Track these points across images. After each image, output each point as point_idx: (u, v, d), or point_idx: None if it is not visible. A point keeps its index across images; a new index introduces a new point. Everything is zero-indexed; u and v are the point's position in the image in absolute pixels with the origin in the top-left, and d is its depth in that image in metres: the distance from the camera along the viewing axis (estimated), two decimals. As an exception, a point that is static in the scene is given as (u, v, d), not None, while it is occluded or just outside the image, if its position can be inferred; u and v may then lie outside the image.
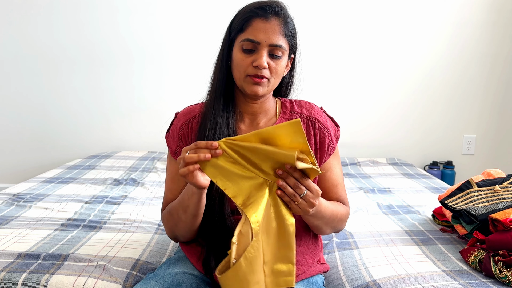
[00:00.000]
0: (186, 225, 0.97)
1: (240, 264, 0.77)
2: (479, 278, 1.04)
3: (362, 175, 2.37)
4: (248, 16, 0.96)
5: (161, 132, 1.43)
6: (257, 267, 0.80)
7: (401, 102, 2.90)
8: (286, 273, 0.83)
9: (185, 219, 0.96)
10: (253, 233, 0.79)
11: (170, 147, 1.08)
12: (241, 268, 0.77)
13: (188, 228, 0.98)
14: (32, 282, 1.02)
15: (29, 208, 1.64)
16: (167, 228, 1.05)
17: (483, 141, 2.95)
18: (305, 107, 1.09)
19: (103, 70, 2.85)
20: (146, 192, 1.93)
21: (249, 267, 0.78)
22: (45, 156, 2.92)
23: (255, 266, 0.79)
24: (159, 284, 0.94)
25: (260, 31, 0.94)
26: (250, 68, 0.95)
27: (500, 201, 1.25)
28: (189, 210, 0.93)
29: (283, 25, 0.96)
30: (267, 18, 0.95)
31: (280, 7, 0.97)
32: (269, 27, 0.95)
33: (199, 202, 0.91)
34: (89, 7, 2.78)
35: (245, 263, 0.77)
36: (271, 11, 0.95)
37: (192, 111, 1.08)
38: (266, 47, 0.95)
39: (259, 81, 0.96)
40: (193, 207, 0.92)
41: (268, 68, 0.96)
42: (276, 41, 0.95)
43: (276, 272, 0.83)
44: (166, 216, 1.03)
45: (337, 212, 1.02)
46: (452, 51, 2.85)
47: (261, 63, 0.94)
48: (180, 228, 1.00)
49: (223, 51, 1.02)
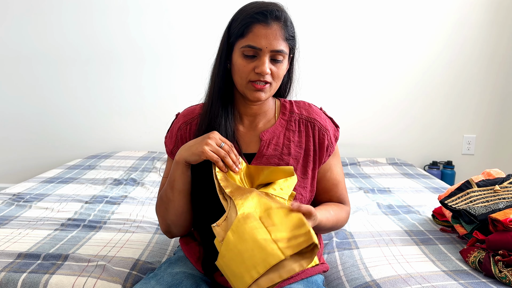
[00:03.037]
0: (175, 206, 0.99)
1: (228, 238, 0.80)
2: (479, 278, 1.04)
3: (362, 175, 2.37)
4: (248, 22, 0.95)
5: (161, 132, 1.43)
6: (247, 236, 0.79)
7: (401, 102, 2.90)
8: (303, 235, 0.79)
9: (173, 198, 0.98)
10: (237, 209, 0.82)
11: (167, 146, 1.08)
12: (229, 241, 0.80)
13: (178, 211, 1.00)
14: (32, 282, 1.02)
15: (29, 208, 1.64)
16: (160, 217, 1.05)
17: (483, 141, 2.95)
18: (304, 108, 1.09)
19: (103, 70, 2.85)
20: (146, 192, 1.93)
21: (237, 237, 0.80)
22: (45, 156, 2.92)
23: (245, 234, 0.79)
24: (159, 284, 0.94)
25: (261, 37, 0.93)
26: (252, 74, 0.95)
27: (500, 201, 1.25)
28: (176, 185, 0.97)
29: (284, 29, 0.96)
30: (267, 23, 0.94)
31: (280, 11, 0.96)
32: (270, 32, 0.94)
33: (183, 175, 0.96)
34: (91, 6, 2.78)
35: (232, 235, 0.80)
36: (272, 16, 0.94)
37: (192, 112, 1.08)
38: (267, 53, 0.94)
39: (261, 88, 0.96)
40: (179, 180, 0.96)
41: (270, 73, 0.96)
42: (277, 46, 0.94)
43: (292, 237, 0.79)
44: (158, 203, 1.05)
45: (337, 220, 1.05)
46: (452, 50, 2.85)
47: (264, 70, 0.94)
48: (171, 212, 1.00)
49: (221, 54, 1.01)
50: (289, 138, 1.05)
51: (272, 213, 0.82)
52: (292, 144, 1.04)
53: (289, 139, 1.05)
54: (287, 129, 1.06)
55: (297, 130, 1.06)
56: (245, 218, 0.80)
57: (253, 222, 0.80)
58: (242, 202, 0.83)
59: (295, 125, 1.06)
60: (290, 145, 1.04)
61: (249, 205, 0.83)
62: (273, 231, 0.80)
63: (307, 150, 1.05)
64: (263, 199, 0.85)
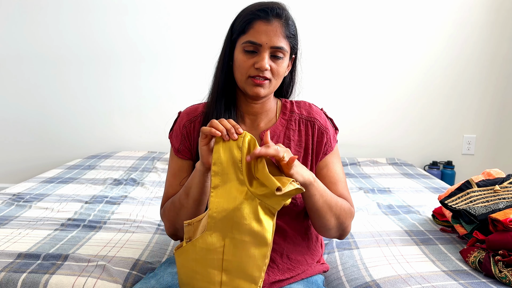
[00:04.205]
0: (188, 212, 0.95)
1: (187, 248, 0.82)
2: (479, 278, 1.04)
3: (362, 175, 2.37)
4: (250, 18, 0.96)
5: (161, 132, 1.43)
6: (202, 260, 0.82)
7: (401, 102, 2.90)
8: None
9: (187, 204, 0.95)
10: (206, 226, 0.81)
11: (173, 145, 1.08)
12: (186, 251, 0.82)
13: (189, 217, 0.96)
14: (32, 282, 1.02)
15: (29, 208, 1.64)
16: (168, 221, 1.03)
17: (483, 141, 2.95)
18: (305, 108, 1.09)
19: (103, 70, 2.85)
20: (146, 192, 1.93)
21: (193, 254, 0.82)
22: (45, 156, 2.92)
23: (199, 257, 0.82)
24: (159, 283, 0.94)
25: (262, 33, 0.95)
26: (252, 69, 0.96)
27: (500, 201, 1.25)
28: (191, 193, 0.93)
29: (285, 27, 0.97)
30: (268, 20, 0.95)
31: (281, 9, 0.98)
32: (270, 29, 0.95)
33: (200, 184, 0.91)
34: (90, 6, 2.78)
35: (191, 249, 0.82)
36: (273, 13, 0.96)
37: (195, 110, 1.08)
38: (268, 49, 0.95)
39: (261, 83, 0.96)
40: (195, 188, 0.91)
41: (269, 69, 0.96)
42: (277, 43, 0.95)
43: (236, 286, 0.83)
44: (168, 207, 1.02)
45: (336, 198, 0.99)
46: (452, 51, 2.85)
47: (263, 65, 0.94)
48: (181, 217, 0.97)
49: (224, 52, 1.02)
50: (289, 138, 1.05)
51: (238, 243, 0.82)
52: (292, 143, 1.05)
53: (289, 138, 1.05)
54: (287, 128, 1.06)
55: (297, 130, 1.06)
56: (208, 244, 0.81)
57: (212, 255, 0.82)
58: (215, 206, 0.81)
59: (295, 124, 1.06)
60: (290, 144, 1.04)
61: (219, 209, 0.81)
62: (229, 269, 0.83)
63: (306, 148, 1.05)
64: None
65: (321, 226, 0.99)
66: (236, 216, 0.80)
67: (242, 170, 0.82)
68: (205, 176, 0.90)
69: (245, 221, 0.80)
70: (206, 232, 0.81)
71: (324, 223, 0.98)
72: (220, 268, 0.82)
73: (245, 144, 0.82)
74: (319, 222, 0.98)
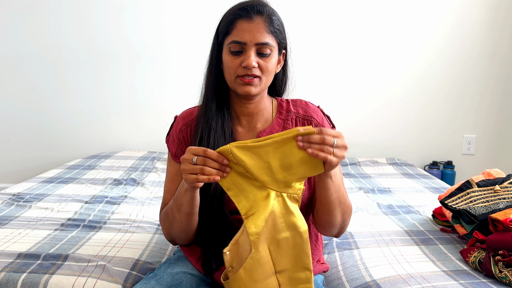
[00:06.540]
0: (181, 225, 0.97)
1: (240, 275, 0.81)
2: (479, 278, 1.04)
3: (362, 175, 2.37)
4: (232, 18, 0.97)
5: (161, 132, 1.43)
6: (259, 277, 0.82)
7: (401, 101, 2.90)
8: (304, 280, 0.85)
9: (179, 218, 0.95)
10: (252, 245, 0.81)
11: (170, 150, 1.08)
12: (241, 279, 0.81)
13: (183, 228, 0.98)
14: (32, 282, 1.02)
15: (29, 208, 1.64)
16: (164, 229, 1.04)
17: (483, 141, 2.95)
18: (301, 107, 1.09)
19: (103, 70, 2.85)
20: (146, 192, 1.93)
21: (249, 277, 0.81)
22: (45, 156, 2.92)
23: (255, 276, 0.82)
24: (159, 284, 0.94)
25: (245, 32, 0.95)
26: (240, 69, 0.96)
27: (500, 201, 1.25)
28: (182, 209, 0.93)
29: (268, 22, 0.97)
30: (250, 17, 0.95)
31: (262, 6, 0.97)
32: (253, 26, 0.95)
33: (192, 200, 0.91)
34: (89, 6, 2.78)
35: (244, 273, 0.81)
36: (253, 10, 0.96)
37: (191, 114, 1.08)
38: (253, 47, 0.95)
39: (250, 81, 0.96)
40: (186, 205, 0.92)
41: (258, 67, 0.96)
42: (262, 39, 0.95)
43: (294, 280, 0.85)
44: (163, 217, 1.03)
45: (345, 196, 0.98)
46: (452, 50, 2.85)
47: (250, 63, 0.94)
48: (175, 228, 0.99)
49: (212, 55, 1.03)
50: None
51: (281, 242, 0.83)
52: (289, 143, 1.04)
53: None
54: (284, 128, 1.06)
55: None
56: (259, 260, 0.82)
57: (266, 267, 0.83)
58: (254, 224, 0.82)
59: (292, 124, 1.06)
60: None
61: (257, 223, 0.82)
62: (282, 270, 0.85)
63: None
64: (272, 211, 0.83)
65: (327, 221, 0.98)
66: (271, 219, 0.82)
67: (254, 176, 0.82)
68: (195, 194, 0.90)
69: (280, 220, 0.83)
70: (253, 251, 0.81)
71: (331, 219, 0.97)
72: (273, 273, 0.84)
73: (236, 157, 0.81)
74: (327, 217, 0.97)
